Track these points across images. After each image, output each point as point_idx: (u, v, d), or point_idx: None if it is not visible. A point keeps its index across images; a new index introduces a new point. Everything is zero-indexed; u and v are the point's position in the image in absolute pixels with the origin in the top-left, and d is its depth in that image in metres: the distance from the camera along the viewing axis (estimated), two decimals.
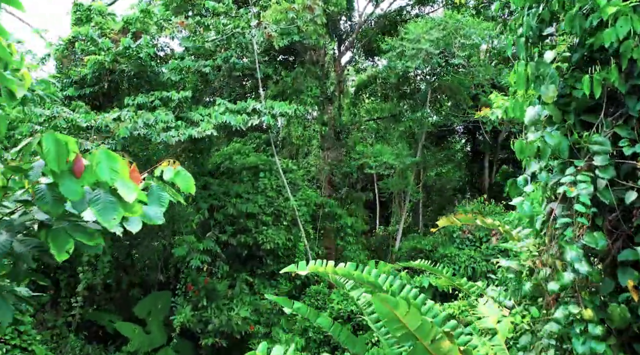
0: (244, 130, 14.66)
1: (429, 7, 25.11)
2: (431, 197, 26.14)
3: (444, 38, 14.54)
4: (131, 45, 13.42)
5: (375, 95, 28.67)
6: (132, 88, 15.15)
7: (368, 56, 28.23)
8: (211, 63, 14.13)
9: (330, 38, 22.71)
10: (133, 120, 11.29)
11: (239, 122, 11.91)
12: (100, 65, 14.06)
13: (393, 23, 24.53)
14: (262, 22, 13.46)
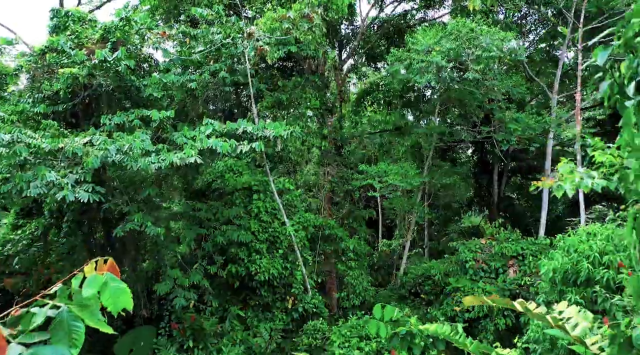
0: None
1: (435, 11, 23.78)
2: (436, 210, 24.68)
3: (456, 48, 13.08)
4: (107, 57, 11.96)
5: (378, 102, 27.34)
6: (112, 103, 13.71)
7: (371, 62, 26.82)
8: (197, 77, 12.68)
9: (331, 44, 21.27)
10: (104, 148, 9.82)
11: (226, 149, 10.44)
12: (74, 80, 12.63)
13: (397, 28, 23.12)
14: (254, 34, 11.97)
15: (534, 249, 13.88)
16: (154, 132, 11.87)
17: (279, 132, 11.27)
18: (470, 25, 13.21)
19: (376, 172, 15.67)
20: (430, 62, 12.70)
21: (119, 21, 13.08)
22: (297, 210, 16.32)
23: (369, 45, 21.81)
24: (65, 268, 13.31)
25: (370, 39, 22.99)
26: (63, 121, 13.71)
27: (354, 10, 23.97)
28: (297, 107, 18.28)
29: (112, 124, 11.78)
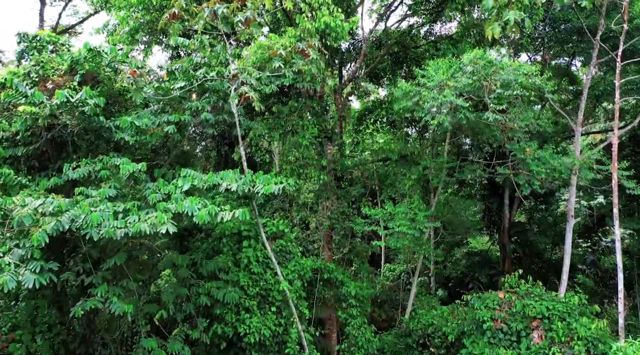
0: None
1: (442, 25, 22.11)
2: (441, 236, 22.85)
3: (473, 84, 11.41)
4: (70, 98, 10.29)
5: (380, 121, 25.73)
6: (80, 146, 12.05)
7: (373, 79, 25.19)
8: (176, 117, 10.99)
9: (331, 63, 19.61)
10: (56, 219, 8.14)
11: (203, 219, 8.75)
12: (34, 121, 10.98)
13: (402, 44, 21.47)
14: (238, 76, 10.26)
15: (561, 309, 12.20)
16: (125, 182, 10.20)
17: (269, 190, 9.59)
18: (488, 57, 11.53)
19: (381, 215, 14.00)
20: (444, 101, 11.02)
21: (87, 52, 11.40)
22: (293, 256, 14.65)
23: (372, 64, 20.14)
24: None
25: (372, 55, 21.34)
26: (24, 165, 12.05)
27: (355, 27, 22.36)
28: (293, 135, 16.60)
29: (75, 175, 10.12)
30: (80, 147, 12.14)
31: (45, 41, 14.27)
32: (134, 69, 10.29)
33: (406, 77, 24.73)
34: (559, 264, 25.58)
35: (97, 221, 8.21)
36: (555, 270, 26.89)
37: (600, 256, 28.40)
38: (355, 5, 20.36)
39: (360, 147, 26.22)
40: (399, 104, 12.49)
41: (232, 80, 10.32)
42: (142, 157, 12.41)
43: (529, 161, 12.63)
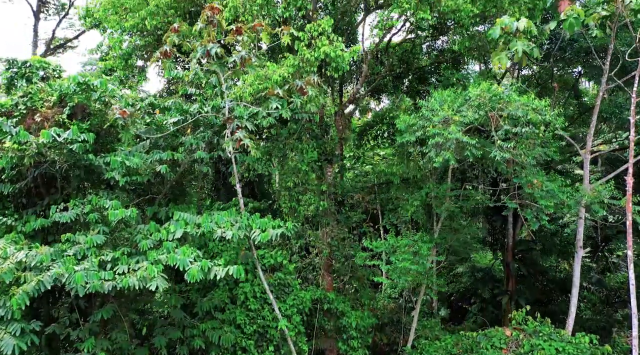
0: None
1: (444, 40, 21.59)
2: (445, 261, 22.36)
3: (479, 119, 10.91)
4: (57, 137, 9.80)
5: (382, 136, 25.27)
6: (69, 182, 11.55)
7: (374, 94, 24.69)
8: (169, 155, 10.49)
9: (330, 84, 19.09)
10: (38, 279, 7.64)
11: (195, 276, 8.24)
12: (20, 159, 10.49)
13: (404, 61, 20.97)
14: (232, 120, 9.75)
15: (571, 351, 11.68)
16: (112, 229, 9.70)
17: (266, 238, 9.08)
18: (495, 91, 11.01)
19: (383, 248, 13.49)
20: (449, 138, 10.51)
21: (76, 86, 10.91)
22: (292, 289, 14.15)
23: (373, 84, 19.61)
24: None
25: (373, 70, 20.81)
26: (11, 202, 11.56)
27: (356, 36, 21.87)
28: (292, 161, 16.08)
29: (63, 219, 9.62)
30: (69, 182, 11.65)
31: (35, 67, 13.82)
32: (124, 110, 9.78)
33: (408, 91, 24.22)
34: (564, 282, 25.10)
35: (81, 281, 7.70)
36: (560, 289, 26.36)
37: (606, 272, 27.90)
38: (356, 23, 19.92)
39: (361, 162, 25.75)
40: (402, 137, 11.97)
41: (228, 123, 9.81)
42: (134, 190, 11.92)
43: (536, 195, 12.11)
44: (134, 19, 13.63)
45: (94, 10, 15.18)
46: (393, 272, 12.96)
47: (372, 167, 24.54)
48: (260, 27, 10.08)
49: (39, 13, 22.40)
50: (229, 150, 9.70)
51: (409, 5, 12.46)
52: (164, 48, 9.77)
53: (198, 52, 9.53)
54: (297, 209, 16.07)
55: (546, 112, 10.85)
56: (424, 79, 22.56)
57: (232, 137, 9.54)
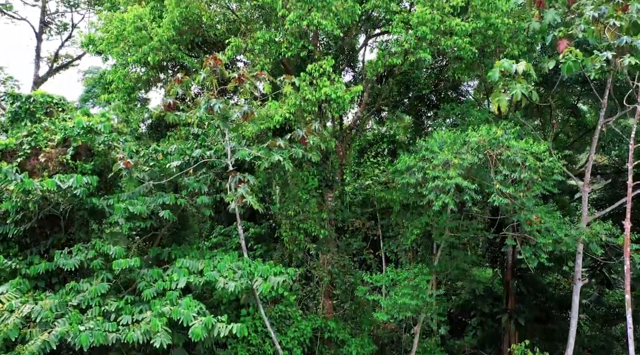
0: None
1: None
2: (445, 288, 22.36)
3: (478, 162, 11.04)
4: (61, 185, 9.93)
5: (382, 154, 25.43)
6: (73, 223, 11.68)
7: (374, 115, 24.83)
8: (172, 199, 10.62)
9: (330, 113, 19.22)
10: (42, 339, 7.78)
11: (199, 335, 8.37)
12: (24, 203, 10.63)
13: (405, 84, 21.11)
14: (234, 174, 9.88)
15: None
16: (115, 276, 9.84)
17: (268, 288, 9.22)
18: (494, 135, 11.13)
19: (384, 282, 13.62)
20: (449, 183, 10.63)
21: (80, 129, 11.04)
22: (293, 321, 14.27)
23: (373, 109, 19.76)
24: None
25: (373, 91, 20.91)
26: (15, 242, 11.69)
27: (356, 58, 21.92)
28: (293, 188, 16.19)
29: (67, 266, 9.76)
30: (72, 222, 11.79)
31: (39, 103, 13.96)
32: (127, 161, 9.92)
33: (407, 110, 24.32)
34: (564, 300, 25.20)
35: (86, 342, 7.84)
36: (560, 306, 26.44)
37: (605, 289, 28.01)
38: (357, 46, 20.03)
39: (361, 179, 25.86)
40: (402, 178, 12.09)
41: (230, 176, 9.94)
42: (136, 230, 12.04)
43: (535, 233, 12.24)
44: (137, 54, 13.75)
45: (96, 40, 15.28)
46: (392, 308, 13.08)
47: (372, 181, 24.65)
48: (262, 76, 10.21)
49: (41, 34, 22.52)
50: (232, 207, 9.81)
51: (409, 44, 12.58)
52: (168, 101, 9.91)
53: (201, 108, 9.66)
54: (298, 238, 16.20)
55: (545, 157, 10.97)
56: (423, 97, 22.68)
57: (236, 193, 9.66)
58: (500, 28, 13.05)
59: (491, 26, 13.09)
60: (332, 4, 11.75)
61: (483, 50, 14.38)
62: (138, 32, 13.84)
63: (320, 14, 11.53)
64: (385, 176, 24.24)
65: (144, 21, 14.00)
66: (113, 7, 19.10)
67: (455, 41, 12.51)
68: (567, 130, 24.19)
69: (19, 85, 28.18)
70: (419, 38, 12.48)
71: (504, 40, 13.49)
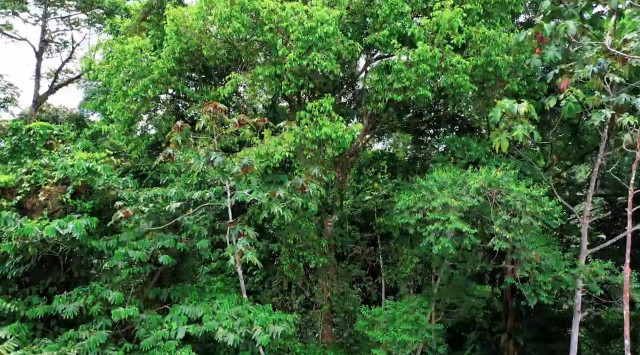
0: None
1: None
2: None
3: (478, 205, 11.03)
4: (60, 231, 9.91)
5: (381, 172, 25.47)
6: (71, 264, 11.67)
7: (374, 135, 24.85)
8: (171, 243, 10.60)
9: None
10: None
11: None
12: (23, 246, 10.61)
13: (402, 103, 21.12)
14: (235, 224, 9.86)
15: None
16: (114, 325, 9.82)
17: (266, 340, 9.19)
18: (494, 177, 11.12)
19: (382, 317, 13.59)
20: (449, 227, 10.63)
21: (80, 170, 11.02)
22: (292, 354, 14.25)
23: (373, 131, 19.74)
24: None
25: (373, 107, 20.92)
26: (14, 281, 11.66)
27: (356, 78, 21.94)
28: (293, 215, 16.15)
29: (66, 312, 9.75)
30: (72, 261, 11.77)
31: (39, 135, 13.96)
32: (127, 211, 9.90)
33: (407, 129, 24.28)
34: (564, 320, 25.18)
35: None
36: (560, 325, 26.41)
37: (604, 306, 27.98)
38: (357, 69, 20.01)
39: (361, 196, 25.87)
40: (402, 218, 12.08)
41: (230, 228, 9.93)
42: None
43: (535, 271, 12.23)
44: (136, 87, 13.73)
45: (97, 70, 15.24)
46: (392, 344, 13.06)
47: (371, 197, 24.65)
48: (262, 123, 10.20)
49: (41, 53, 22.48)
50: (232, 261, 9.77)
51: (410, 82, 12.56)
52: (168, 151, 9.90)
53: (201, 162, 9.64)
54: (297, 266, 16.18)
55: (544, 202, 10.95)
56: (422, 115, 22.68)
57: (236, 248, 9.64)
58: (500, 64, 13.03)
59: (491, 62, 13.08)
60: (332, 44, 11.74)
61: (483, 83, 14.37)
62: (138, 63, 13.82)
63: (321, 55, 11.51)
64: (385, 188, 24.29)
65: (145, 53, 13.98)
66: (113, 31, 19.12)
67: (455, 79, 12.50)
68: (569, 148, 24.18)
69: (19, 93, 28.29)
70: (419, 75, 12.47)
71: (504, 75, 13.47)
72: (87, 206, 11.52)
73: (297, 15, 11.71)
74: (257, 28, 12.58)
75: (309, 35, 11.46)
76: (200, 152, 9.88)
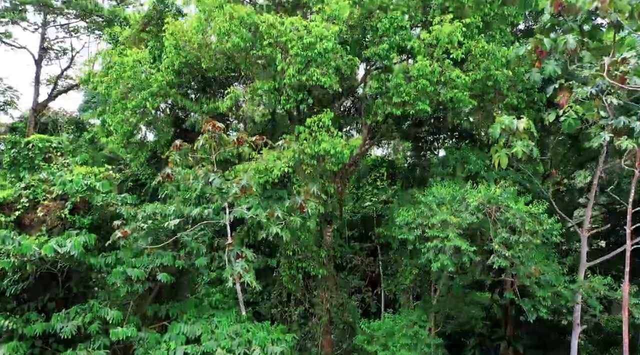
0: None
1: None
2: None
3: (478, 222, 11.02)
4: (59, 250, 9.89)
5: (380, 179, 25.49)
6: (70, 280, 11.63)
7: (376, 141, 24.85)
8: (169, 261, 10.59)
9: None
10: None
11: None
12: (21, 263, 10.59)
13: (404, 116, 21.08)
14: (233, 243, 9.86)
15: None
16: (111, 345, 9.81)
17: None
18: (493, 194, 11.10)
19: (381, 332, 13.59)
20: (448, 245, 10.62)
21: (79, 187, 11.00)
22: None
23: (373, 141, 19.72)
24: None
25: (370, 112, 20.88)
26: (12, 298, 11.63)
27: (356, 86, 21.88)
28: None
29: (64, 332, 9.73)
30: (71, 277, 11.75)
31: (37, 148, 13.94)
32: (125, 231, 9.89)
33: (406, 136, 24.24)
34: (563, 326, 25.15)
35: None
36: (559, 332, 26.41)
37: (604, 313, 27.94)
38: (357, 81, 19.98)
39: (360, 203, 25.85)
40: (402, 233, 12.07)
41: (228, 249, 9.92)
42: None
43: (534, 286, 12.22)
44: (136, 100, 13.72)
45: (96, 82, 15.22)
46: None
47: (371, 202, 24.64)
48: (260, 141, 10.19)
49: (41, 61, 22.47)
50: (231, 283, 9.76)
51: (409, 97, 12.55)
52: (166, 171, 9.88)
53: (200, 183, 9.63)
54: (297, 277, 16.17)
55: (544, 219, 10.94)
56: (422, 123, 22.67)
57: (234, 270, 9.62)
58: (500, 79, 13.01)
59: (490, 77, 13.05)
60: (331, 59, 11.72)
61: (483, 96, 14.33)
62: (137, 76, 13.80)
63: (320, 71, 11.49)
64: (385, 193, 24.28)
65: (144, 66, 13.97)
66: (113, 40, 19.09)
67: (455, 93, 12.47)
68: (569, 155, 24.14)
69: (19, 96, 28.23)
70: (418, 90, 12.45)
71: (504, 89, 13.45)
72: (85, 222, 11.50)
73: (297, 30, 11.69)
74: (257, 42, 12.57)
75: (308, 50, 11.45)
76: (199, 172, 9.87)
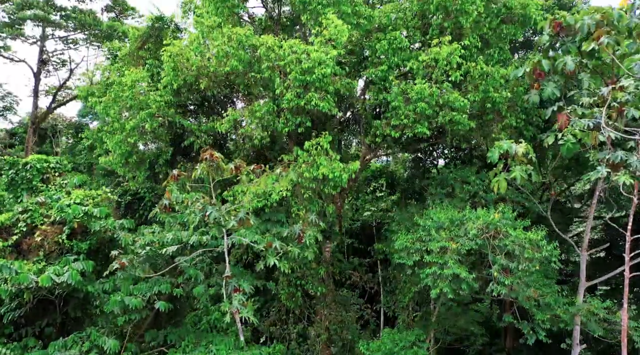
0: None
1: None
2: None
3: (476, 248, 11.00)
4: (56, 280, 9.86)
5: (380, 189, 25.52)
6: (68, 306, 11.61)
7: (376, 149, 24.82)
8: (167, 288, 10.55)
9: None
10: None
11: None
12: (18, 291, 10.57)
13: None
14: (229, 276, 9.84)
15: None
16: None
17: None
18: (492, 218, 11.08)
19: (381, 352, 13.54)
20: (447, 273, 10.59)
21: (75, 213, 10.97)
22: None
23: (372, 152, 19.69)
24: None
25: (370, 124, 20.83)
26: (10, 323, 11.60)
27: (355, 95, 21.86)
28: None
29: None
30: (68, 303, 11.72)
31: (35, 169, 13.92)
32: (123, 261, 9.86)
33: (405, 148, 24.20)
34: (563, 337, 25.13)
35: None
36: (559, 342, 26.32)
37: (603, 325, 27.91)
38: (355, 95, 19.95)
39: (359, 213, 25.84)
40: (400, 258, 12.04)
41: (225, 281, 9.89)
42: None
43: (533, 309, 12.20)
44: (134, 120, 13.69)
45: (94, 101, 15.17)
46: None
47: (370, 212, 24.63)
48: (259, 170, 10.17)
49: (39, 74, 22.45)
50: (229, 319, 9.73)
51: (408, 120, 12.53)
52: (164, 203, 9.87)
53: (197, 217, 9.62)
54: (296, 295, 16.14)
55: (543, 245, 10.91)
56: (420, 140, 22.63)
57: (231, 305, 9.59)
58: (498, 101, 13.00)
59: (489, 98, 13.04)
60: (329, 83, 11.70)
61: (481, 117, 14.30)
62: (136, 96, 13.76)
63: (318, 95, 11.47)
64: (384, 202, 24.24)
65: (143, 87, 13.95)
66: (111, 55, 19.09)
67: (454, 116, 12.45)
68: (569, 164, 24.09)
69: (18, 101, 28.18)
70: (417, 113, 12.42)
71: (502, 110, 13.43)
72: (83, 247, 11.48)
73: (295, 54, 11.67)
74: (255, 64, 12.55)
75: (306, 75, 11.43)
76: (196, 205, 9.86)
